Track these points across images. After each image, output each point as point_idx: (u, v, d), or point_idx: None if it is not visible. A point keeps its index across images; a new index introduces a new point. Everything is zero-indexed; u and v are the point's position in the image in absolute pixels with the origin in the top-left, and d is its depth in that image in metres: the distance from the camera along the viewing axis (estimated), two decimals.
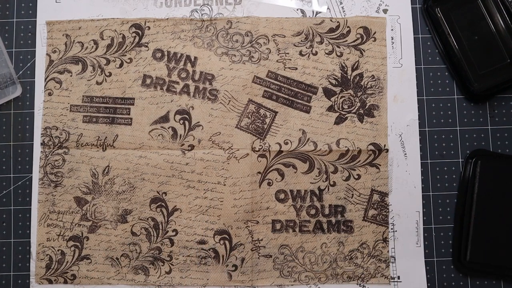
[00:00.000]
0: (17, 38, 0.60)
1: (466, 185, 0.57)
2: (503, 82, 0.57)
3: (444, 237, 0.58)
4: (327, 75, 0.59)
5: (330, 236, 0.57)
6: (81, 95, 0.59)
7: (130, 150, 0.58)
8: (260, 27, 0.59)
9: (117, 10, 0.60)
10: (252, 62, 0.59)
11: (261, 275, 0.57)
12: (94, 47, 0.59)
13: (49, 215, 0.57)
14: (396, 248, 0.57)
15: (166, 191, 0.58)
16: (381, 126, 0.58)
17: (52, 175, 0.58)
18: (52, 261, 0.57)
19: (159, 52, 0.59)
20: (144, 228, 0.57)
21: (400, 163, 0.58)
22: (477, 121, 0.59)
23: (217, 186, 0.58)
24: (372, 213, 0.57)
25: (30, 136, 0.59)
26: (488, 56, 0.58)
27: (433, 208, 0.58)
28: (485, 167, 0.57)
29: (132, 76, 0.59)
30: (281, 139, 0.58)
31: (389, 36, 0.60)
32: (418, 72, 0.60)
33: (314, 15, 0.60)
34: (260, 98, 0.59)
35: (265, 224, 0.57)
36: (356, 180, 0.58)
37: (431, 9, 0.59)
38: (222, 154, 0.58)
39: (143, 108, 0.58)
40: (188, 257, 0.57)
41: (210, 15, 0.60)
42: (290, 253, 0.57)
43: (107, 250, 0.57)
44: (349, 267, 0.57)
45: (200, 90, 0.59)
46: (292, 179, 0.58)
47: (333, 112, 0.59)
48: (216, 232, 0.57)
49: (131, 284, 0.57)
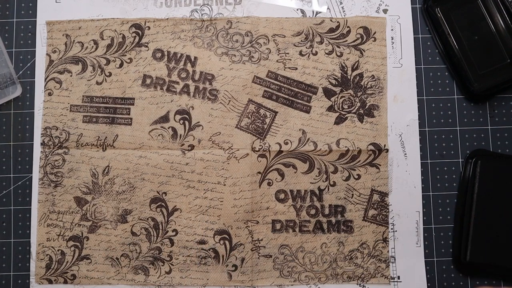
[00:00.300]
0: (17, 38, 0.60)
1: (466, 185, 0.57)
2: (503, 82, 0.57)
3: (444, 237, 0.58)
4: (327, 75, 0.59)
5: (330, 236, 0.57)
6: (81, 95, 0.59)
7: (130, 150, 0.58)
8: (260, 27, 0.59)
9: (117, 10, 0.60)
10: (252, 62, 0.59)
11: (261, 275, 0.57)
12: (94, 47, 0.59)
13: (49, 215, 0.57)
14: (396, 248, 0.57)
15: (166, 191, 0.58)
16: (381, 126, 0.58)
17: (52, 175, 0.58)
18: (52, 261, 0.57)
19: (159, 52, 0.59)
20: (144, 228, 0.57)
21: (400, 163, 0.58)
22: (477, 121, 0.59)
23: (217, 186, 0.58)
24: (372, 213, 0.57)
25: (30, 136, 0.59)
26: (488, 56, 0.58)
27: (433, 208, 0.58)
28: (485, 167, 0.57)
29: (132, 76, 0.59)
30: (281, 139, 0.58)
31: (389, 36, 0.60)
32: (418, 72, 0.60)
33: (314, 15, 0.60)
34: (260, 98, 0.59)
35: (265, 224, 0.57)
36: (356, 180, 0.58)
37: (431, 9, 0.59)
38: (222, 154, 0.58)
39: (143, 108, 0.58)
40: (188, 257, 0.57)
41: (210, 15, 0.60)
42: (290, 253, 0.57)
43: (107, 250, 0.57)
44: (349, 267, 0.57)
45: (200, 90, 0.59)
46: (292, 179, 0.58)
47: (333, 112, 0.59)
48: (216, 232, 0.57)
49: (131, 284, 0.57)
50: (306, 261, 0.57)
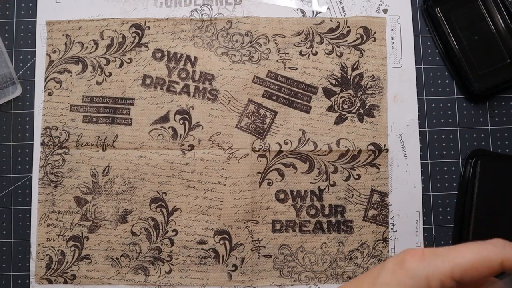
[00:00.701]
0: (17, 38, 0.60)
1: (466, 185, 0.57)
2: (503, 82, 0.57)
3: (444, 237, 0.58)
4: (327, 75, 0.59)
5: (330, 236, 0.57)
6: (81, 95, 0.59)
7: (130, 150, 0.58)
8: (260, 27, 0.59)
9: (117, 10, 0.60)
10: (252, 62, 0.59)
11: (261, 275, 0.57)
12: (94, 47, 0.59)
13: (49, 215, 0.57)
14: (396, 248, 0.57)
15: (166, 191, 0.58)
16: (381, 126, 0.58)
17: (52, 175, 0.58)
18: (52, 261, 0.57)
19: (159, 52, 0.59)
20: (144, 228, 0.57)
21: (400, 163, 0.58)
22: (477, 121, 0.59)
23: (217, 186, 0.58)
24: (372, 213, 0.57)
25: (30, 136, 0.59)
26: (488, 56, 0.58)
27: (433, 208, 0.58)
28: (485, 167, 0.57)
29: (132, 76, 0.59)
30: (281, 139, 0.58)
31: (389, 36, 0.60)
32: (418, 72, 0.60)
33: (314, 15, 0.60)
34: (260, 98, 0.59)
35: (265, 224, 0.57)
36: (356, 180, 0.58)
37: (431, 9, 0.59)
38: (222, 154, 0.58)
39: (143, 108, 0.58)
40: (188, 257, 0.57)
41: (210, 15, 0.60)
42: (290, 253, 0.57)
43: (107, 250, 0.57)
44: (349, 267, 0.57)
45: (200, 90, 0.59)
46: (292, 179, 0.58)
47: (333, 112, 0.59)
48: (216, 232, 0.57)
49: (131, 284, 0.57)
50: (306, 261, 0.57)
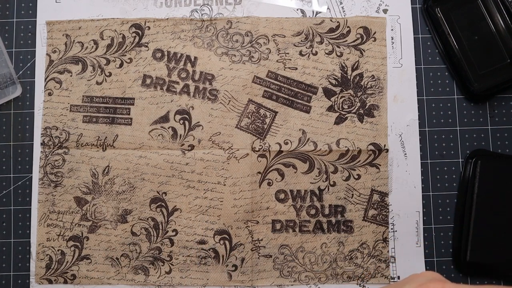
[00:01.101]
0: (17, 38, 0.60)
1: (466, 185, 0.57)
2: (503, 82, 0.57)
3: (444, 237, 0.58)
4: (327, 75, 0.59)
5: (330, 236, 0.57)
6: (81, 95, 0.59)
7: (130, 150, 0.58)
8: (260, 27, 0.59)
9: (117, 10, 0.60)
10: (252, 62, 0.59)
11: (261, 275, 0.57)
12: (94, 47, 0.59)
13: (49, 215, 0.57)
14: (396, 248, 0.57)
15: (166, 191, 0.58)
16: (381, 126, 0.58)
17: (52, 175, 0.58)
18: (52, 261, 0.57)
19: (159, 52, 0.59)
20: (144, 228, 0.57)
21: (400, 163, 0.58)
22: (477, 121, 0.59)
23: (217, 186, 0.58)
24: (372, 213, 0.57)
25: (30, 136, 0.59)
26: (488, 56, 0.58)
27: (433, 208, 0.58)
28: (485, 167, 0.57)
29: (132, 76, 0.59)
30: (281, 139, 0.58)
31: (389, 36, 0.60)
32: (418, 72, 0.60)
33: (314, 15, 0.60)
34: (260, 98, 0.59)
35: (265, 224, 0.57)
36: (356, 180, 0.58)
37: (431, 9, 0.59)
38: (222, 154, 0.58)
39: (143, 108, 0.58)
40: (188, 257, 0.57)
41: (210, 15, 0.60)
42: (290, 253, 0.57)
43: (107, 250, 0.57)
44: (349, 267, 0.57)
45: (200, 90, 0.59)
46: (292, 179, 0.58)
47: (333, 112, 0.59)
48: (216, 232, 0.57)
49: (131, 284, 0.57)
50: (306, 261, 0.57)
